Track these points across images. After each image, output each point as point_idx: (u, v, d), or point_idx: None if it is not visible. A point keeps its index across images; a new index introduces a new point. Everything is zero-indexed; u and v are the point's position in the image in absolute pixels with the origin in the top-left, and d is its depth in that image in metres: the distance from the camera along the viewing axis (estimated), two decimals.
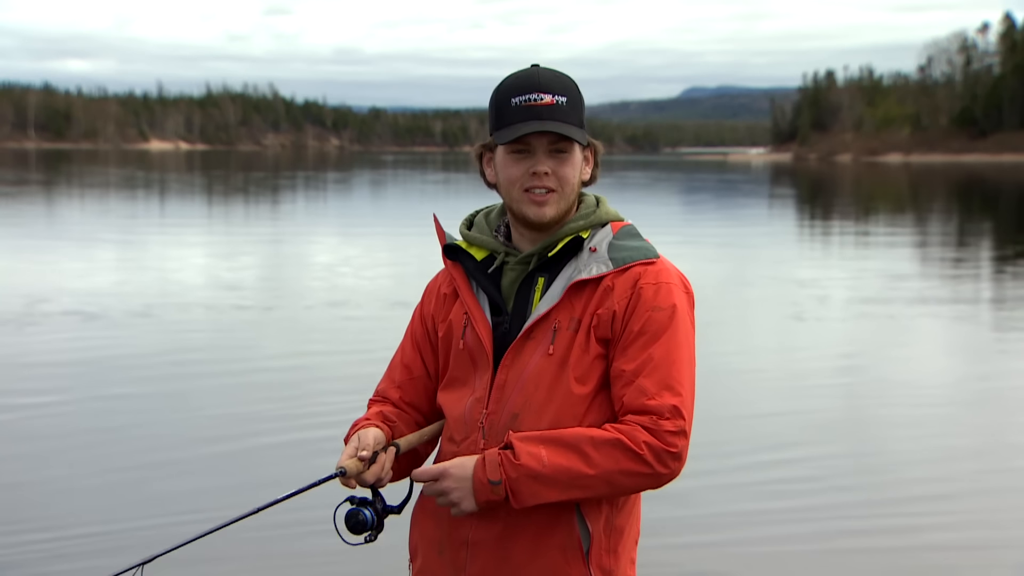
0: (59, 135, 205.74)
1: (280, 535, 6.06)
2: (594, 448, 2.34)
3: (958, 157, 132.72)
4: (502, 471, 2.34)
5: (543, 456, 2.34)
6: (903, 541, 6.31)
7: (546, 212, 2.47)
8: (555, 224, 2.50)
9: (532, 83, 2.47)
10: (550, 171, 2.46)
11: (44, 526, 6.28)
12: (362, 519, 2.41)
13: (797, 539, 6.36)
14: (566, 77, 2.51)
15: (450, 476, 2.38)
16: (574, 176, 2.49)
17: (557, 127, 2.44)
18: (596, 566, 2.43)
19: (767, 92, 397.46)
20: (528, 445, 2.35)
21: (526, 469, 2.33)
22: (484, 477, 2.35)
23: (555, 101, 2.45)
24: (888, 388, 10.49)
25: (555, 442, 2.36)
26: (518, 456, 2.34)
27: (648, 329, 2.40)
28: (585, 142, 2.50)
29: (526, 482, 2.33)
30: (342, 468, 2.41)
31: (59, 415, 8.80)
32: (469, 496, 2.37)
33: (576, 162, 2.49)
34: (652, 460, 2.34)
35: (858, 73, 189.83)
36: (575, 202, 2.52)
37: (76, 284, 16.53)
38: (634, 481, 2.36)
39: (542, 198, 2.47)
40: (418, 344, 2.65)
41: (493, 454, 2.36)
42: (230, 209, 38.03)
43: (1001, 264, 22.18)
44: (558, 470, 2.33)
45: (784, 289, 17.30)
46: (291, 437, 8.23)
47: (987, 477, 7.63)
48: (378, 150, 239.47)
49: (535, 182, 2.46)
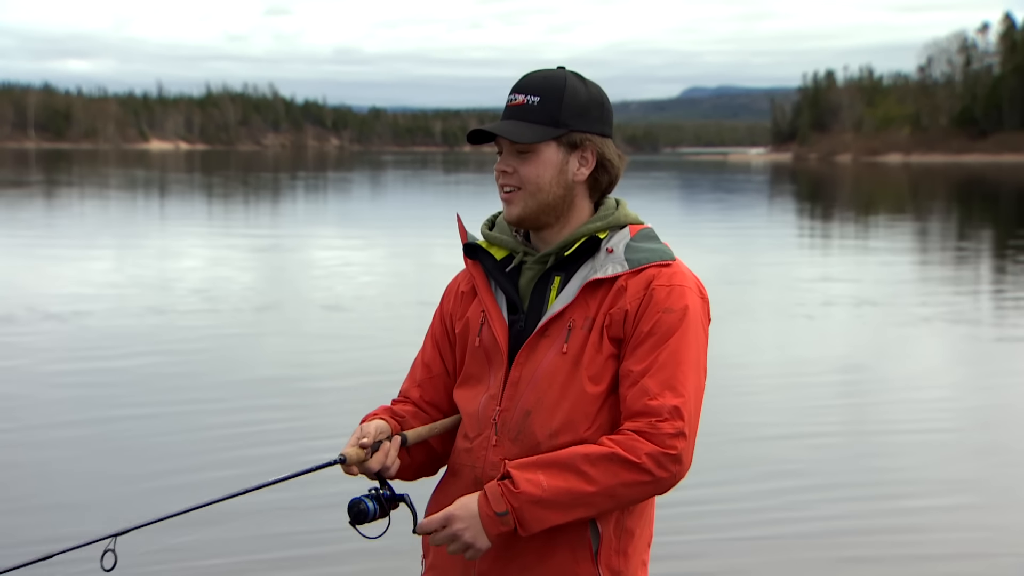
0: (59, 135, 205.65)
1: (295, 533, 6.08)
2: (591, 465, 2.33)
3: (958, 157, 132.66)
4: (506, 501, 2.33)
5: (542, 481, 2.33)
6: (905, 549, 6.29)
7: (512, 211, 2.50)
8: (522, 223, 2.51)
9: (518, 84, 2.51)
10: (511, 170, 2.48)
11: (42, 522, 6.30)
12: (363, 508, 2.41)
13: (797, 544, 6.37)
14: (557, 77, 2.49)
15: (457, 519, 2.36)
16: (539, 176, 2.47)
17: (498, 127, 2.46)
18: (605, 567, 2.43)
19: (767, 92, 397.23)
20: (526, 472, 2.34)
21: (527, 496, 2.32)
22: (490, 511, 2.33)
23: (525, 101, 2.47)
24: (889, 390, 10.51)
25: (552, 465, 2.35)
26: (517, 484, 2.33)
27: (658, 330, 2.39)
28: (526, 139, 2.44)
29: (529, 509, 2.32)
30: (342, 455, 2.42)
31: (59, 413, 8.81)
32: (481, 533, 2.34)
33: (542, 161, 2.47)
34: (652, 467, 2.32)
35: (858, 73, 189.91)
36: (561, 203, 2.50)
37: (74, 285, 16.54)
38: (637, 491, 2.35)
39: (507, 196, 2.50)
40: (437, 343, 2.67)
41: (493, 487, 2.35)
42: (250, 210, 38.03)
43: (1001, 264, 22.19)
44: (558, 492, 2.32)
45: (783, 289, 17.32)
46: (291, 437, 8.26)
47: (989, 480, 7.65)
48: (378, 150, 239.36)
49: (500, 180, 2.51)
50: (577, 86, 2.49)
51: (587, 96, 2.50)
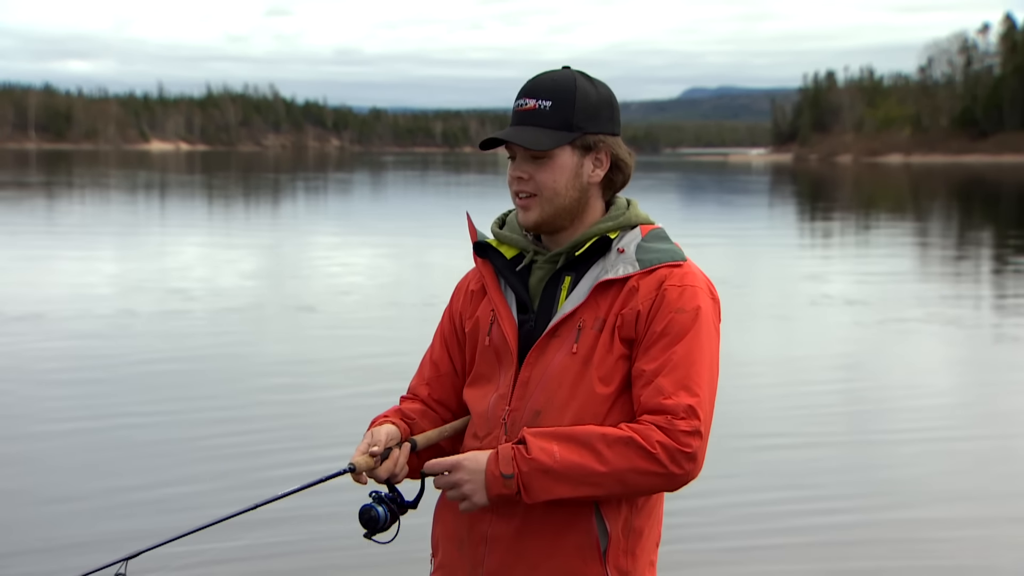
0: (60, 136, 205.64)
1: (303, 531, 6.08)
2: (607, 446, 2.33)
3: (959, 158, 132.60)
4: (515, 464, 2.34)
5: (555, 452, 2.33)
6: (907, 560, 6.29)
7: (529, 217, 2.49)
8: (539, 228, 2.51)
9: (527, 88, 2.49)
10: (527, 176, 2.47)
11: (40, 521, 6.31)
12: (374, 515, 2.42)
13: (796, 543, 6.37)
14: (567, 80, 2.47)
15: (463, 468, 2.38)
16: (555, 181, 2.46)
17: (511, 134, 2.45)
18: (613, 566, 2.42)
19: (768, 93, 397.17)
20: (541, 440, 2.35)
21: (538, 463, 2.33)
22: (497, 470, 2.34)
23: (536, 106, 2.45)
24: (890, 391, 10.51)
25: (568, 438, 2.35)
26: (530, 451, 2.34)
27: (671, 330, 2.39)
28: (544, 146, 2.43)
29: (537, 476, 2.33)
30: (352, 464, 2.43)
31: (59, 413, 8.81)
32: (481, 489, 2.36)
33: (558, 166, 2.46)
34: (666, 460, 2.32)
35: (859, 74, 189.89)
36: (576, 205, 2.50)
37: (74, 286, 16.55)
38: (648, 481, 2.35)
39: (523, 202, 2.49)
40: (446, 341, 2.68)
41: (506, 448, 2.36)
42: (251, 210, 38.03)
43: (1001, 264, 22.18)
44: (570, 466, 2.33)
45: (785, 289, 17.32)
46: (291, 436, 8.26)
47: (989, 481, 7.65)
48: (378, 151, 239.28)
49: (516, 187, 2.50)
50: (587, 87, 2.48)
51: (597, 97, 2.49)
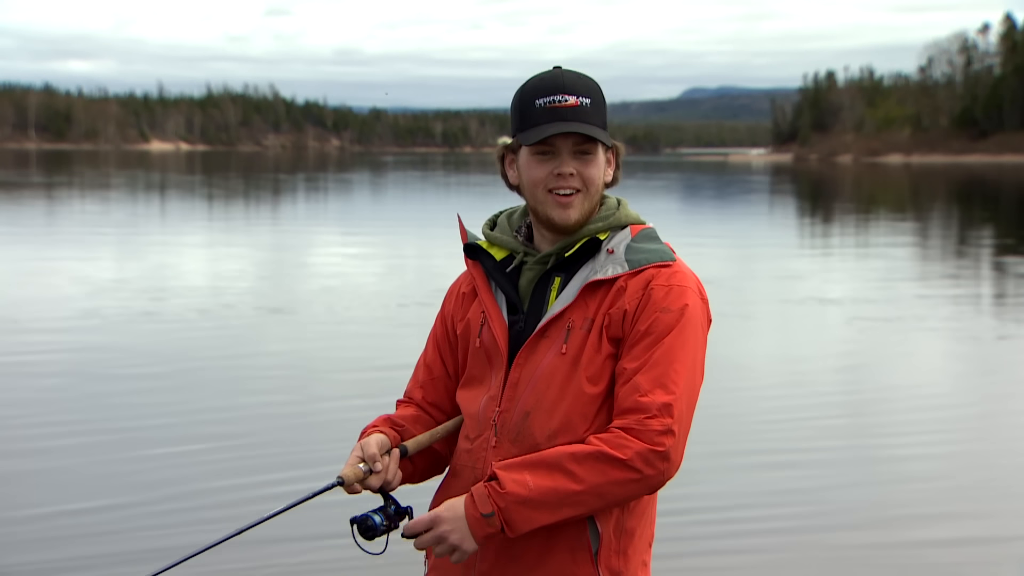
0: (60, 136, 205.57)
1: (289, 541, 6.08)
2: (577, 464, 2.33)
3: (959, 158, 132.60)
4: (492, 502, 2.32)
5: (528, 481, 2.32)
6: (905, 539, 6.31)
7: (571, 214, 2.49)
8: (578, 226, 2.51)
9: (557, 85, 2.48)
10: (575, 172, 2.48)
11: (39, 518, 6.31)
12: (371, 524, 2.43)
13: (795, 544, 6.37)
14: (589, 79, 2.52)
15: (443, 520, 2.36)
16: (598, 177, 2.51)
17: (582, 128, 2.45)
18: (605, 567, 2.43)
19: (768, 93, 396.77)
20: (512, 473, 2.34)
21: (513, 496, 2.31)
22: (476, 512, 2.33)
23: (579, 103, 2.47)
24: (890, 391, 10.51)
25: (538, 465, 2.35)
26: (503, 485, 2.32)
27: (654, 329, 2.40)
28: (609, 144, 2.51)
29: (516, 509, 2.31)
30: (340, 478, 2.44)
31: (60, 414, 8.81)
32: (467, 536, 2.34)
33: (600, 163, 2.51)
34: (639, 464, 2.32)
35: (859, 74, 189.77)
36: (598, 204, 2.54)
37: (77, 285, 16.55)
38: (626, 489, 2.34)
39: (567, 199, 2.48)
40: (439, 344, 2.69)
41: (480, 488, 2.35)
42: (251, 211, 38.02)
43: (1001, 264, 22.18)
44: (545, 492, 2.32)
45: (784, 289, 17.32)
46: (296, 437, 8.26)
47: (990, 479, 7.65)
48: (379, 151, 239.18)
49: (560, 183, 2.48)
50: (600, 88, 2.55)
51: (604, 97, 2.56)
